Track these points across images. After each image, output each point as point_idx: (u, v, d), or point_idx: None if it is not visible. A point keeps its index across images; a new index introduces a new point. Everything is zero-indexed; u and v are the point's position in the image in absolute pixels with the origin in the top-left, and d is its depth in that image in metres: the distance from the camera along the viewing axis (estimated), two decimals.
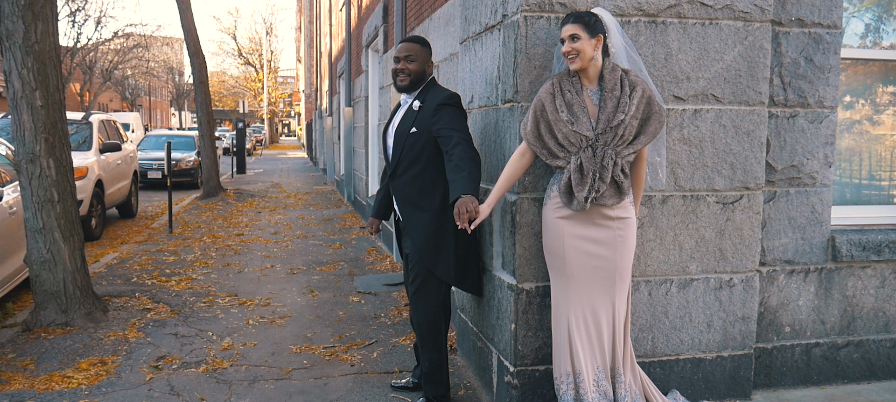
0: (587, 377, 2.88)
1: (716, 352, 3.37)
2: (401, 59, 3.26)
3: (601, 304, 2.90)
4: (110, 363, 4.02)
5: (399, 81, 3.27)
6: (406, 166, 3.21)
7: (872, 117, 3.87)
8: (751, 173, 3.31)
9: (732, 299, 3.36)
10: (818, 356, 3.61)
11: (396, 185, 3.26)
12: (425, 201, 3.20)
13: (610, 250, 2.87)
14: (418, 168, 3.19)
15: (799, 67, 3.42)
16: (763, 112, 3.30)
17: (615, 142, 2.77)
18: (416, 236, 3.21)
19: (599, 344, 2.90)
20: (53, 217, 4.76)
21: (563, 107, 2.81)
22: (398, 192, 3.26)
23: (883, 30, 3.81)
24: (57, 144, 4.78)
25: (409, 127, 3.20)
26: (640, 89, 2.79)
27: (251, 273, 6.49)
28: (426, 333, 3.26)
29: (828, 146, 3.49)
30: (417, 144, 3.17)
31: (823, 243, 3.54)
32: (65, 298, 4.79)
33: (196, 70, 13.04)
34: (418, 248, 3.21)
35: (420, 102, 3.22)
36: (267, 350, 4.28)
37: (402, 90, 3.29)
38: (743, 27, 3.22)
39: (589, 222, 2.87)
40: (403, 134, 3.21)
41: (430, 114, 3.16)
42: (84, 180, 8.29)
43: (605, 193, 2.80)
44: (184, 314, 5.02)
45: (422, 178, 3.19)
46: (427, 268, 3.21)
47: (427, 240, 3.19)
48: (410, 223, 3.24)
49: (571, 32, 2.78)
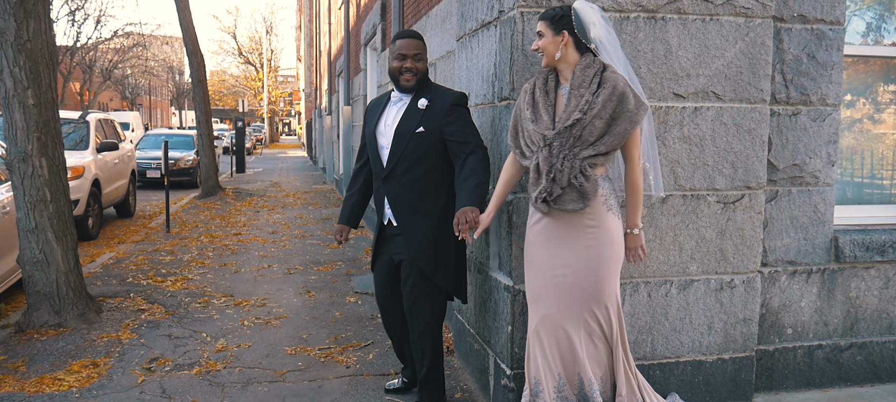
0: (546, 386, 2.74)
1: (717, 354, 3.31)
2: (408, 57, 3.03)
3: (568, 318, 2.72)
4: (102, 365, 3.97)
5: (404, 80, 3.04)
6: (407, 168, 3.02)
7: (874, 116, 3.81)
8: (752, 172, 3.25)
9: (733, 301, 3.30)
10: (820, 358, 3.55)
11: (392, 188, 3.06)
12: (427, 205, 3.04)
13: (574, 263, 2.67)
14: (421, 170, 3.02)
15: (801, 64, 3.35)
16: (765, 110, 3.24)
17: (572, 143, 2.58)
18: (416, 242, 3.04)
19: (563, 355, 2.74)
20: (46, 217, 4.71)
21: (528, 105, 2.71)
22: (394, 195, 3.06)
23: (884, 28, 3.75)
24: (49, 144, 4.72)
25: (415, 126, 3.01)
26: (609, 87, 2.56)
27: (248, 273, 6.43)
28: (426, 340, 3.14)
29: (831, 145, 3.43)
30: (423, 144, 3.00)
31: (826, 243, 3.48)
32: (58, 299, 4.74)
33: (194, 69, 12.99)
34: (417, 255, 3.04)
35: (427, 100, 3.05)
36: (261, 352, 4.22)
37: (406, 91, 3.07)
38: (744, 23, 3.16)
39: (557, 230, 2.69)
40: (407, 133, 3.01)
41: (441, 113, 3.01)
42: (80, 180, 8.25)
43: (565, 197, 2.60)
44: (178, 315, 4.97)
45: (424, 181, 3.03)
46: (426, 276, 3.06)
47: (428, 247, 3.04)
48: (408, 229, 3.05)
49: (538, 30, 2.70)
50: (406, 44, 3.06)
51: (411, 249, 3.06)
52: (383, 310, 3.34)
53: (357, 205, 3.31)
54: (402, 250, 3.11)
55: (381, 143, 3.12)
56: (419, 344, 3.16)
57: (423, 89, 3.10)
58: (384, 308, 3.33)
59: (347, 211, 3.34)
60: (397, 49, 3.07)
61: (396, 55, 3.07)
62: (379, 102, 3.24)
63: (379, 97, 3.30)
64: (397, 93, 3.13)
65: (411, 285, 3.09)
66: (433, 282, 3.09)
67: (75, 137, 9.20)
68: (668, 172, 3.16)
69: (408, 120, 3.05)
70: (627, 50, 3.06)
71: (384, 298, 3.30)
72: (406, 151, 3.02)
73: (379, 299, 3.34)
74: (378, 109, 3.20)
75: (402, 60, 3.05)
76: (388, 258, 3.22)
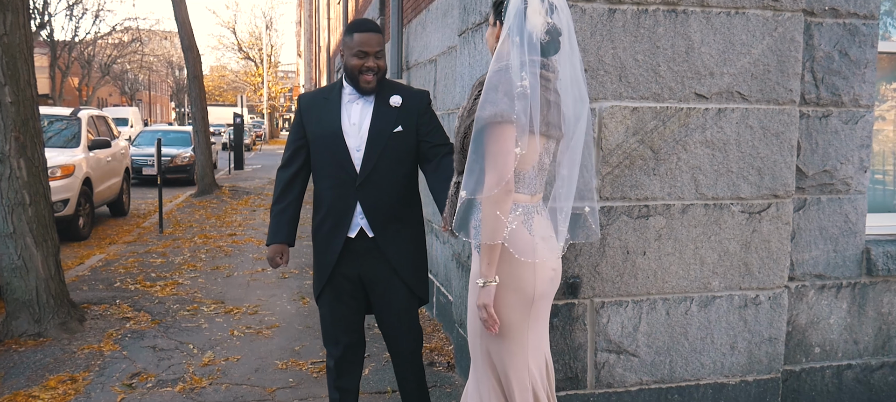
0: None
1: (740, 376, 3.05)
2: (370, 54, 2.61)
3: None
4: (81, 381, 3.72)
5: (365, 81, 2.64)
6: (385, 172, 2.68)
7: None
8: (780, 179, 2.99)
9: (758, 318, 3.04)
10: (850, 378, 3.30)
11: (369, 195, 2.67)
12: (406, 211, 2.74)
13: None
14: (401, 173, 2.71)
15: (833, 62, 3.10)
16: (794, 112, 2.98)
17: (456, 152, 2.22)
18: (397, 255, 2.71)
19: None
20: (25, 221, 4.46)
21: None
22: (372, 203, 2.68)
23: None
24: (28, 144, 4.47)
25: (392, 126, 2.67)
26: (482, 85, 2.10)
27: (240, 277, 6.18)
28: (418, 356, 2.90)
29: (863, 149, 3.18)
30: (403, 145, 2.69)
31: (857, 255, 3.23)
32: (38, 307, 4.50)
33: (190, 64, 12.73)
34: (402, 269, 2.72)
35: (401, 98, 2.72)
36: (251, 366, 3.97)
37: (367, 93, 2.68)
38: (772, 17, 2.90)
39: None
40: (384, 134, 2.66)
41: (416, 113, 2.72)
42: (71, 178, 8.01)
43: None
44: (165, 324, 4.72)
45: (402, 185, 2.72)
46: (411, 291, 2.76)
47: (411, 260, 2.75)
48: (388, 241, 2.69)
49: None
50: (367, 39, 2.62)
51: (394, 263, 2.71)
52: (344, 363, 2.81)
53: (294, 220, 2.79)
54: (379, 267, 2.71)
55: (350, 144, 2.69)
56: (411, 363, 2.88)
57: (388, 87, 2.74)
58: (346, 361, 2.81)
59: (285, 227, 2.76)
60: (356, 44, 2.62)
61: (355, 52, 2.62)
62: (324, 98, 2.78)
63: (319, 92, 2.86)
64: (355, 94, 2.72)
65: (398, 306, 2.76)
66: (416, 295, 2.81)
67: (67, 135, 8.96)
68: (689, 180, 2.91)
69: (382, 119, 2.69)
70: (645, 46, 2.80)
71: (348, 344, 2.80)
72: (384, 153, 2.66)
73: (338, 345, 2.79)
74: (327, 105, 2.76)
75: (362, 58, 2.62)
76: (351, 281, 2.75)
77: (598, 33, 2.79)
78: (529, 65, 1.99)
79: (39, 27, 25.61)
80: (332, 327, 2.81)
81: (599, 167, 2.84)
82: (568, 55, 2.08)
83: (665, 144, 2.88)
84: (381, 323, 2.82)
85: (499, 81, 2.00)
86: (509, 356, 2.11)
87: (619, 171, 2.86)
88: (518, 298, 2.08)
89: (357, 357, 2.87)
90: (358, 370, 2.89)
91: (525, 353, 2.11)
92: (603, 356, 2.93)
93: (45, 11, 25.52)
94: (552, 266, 2.13)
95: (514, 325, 2.10)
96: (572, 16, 2.74)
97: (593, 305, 2.91)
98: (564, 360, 2.91)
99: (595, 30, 2.79)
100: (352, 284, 2.75)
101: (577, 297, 2.89)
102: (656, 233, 2.91)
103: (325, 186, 2.73)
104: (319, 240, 2.76)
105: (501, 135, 1.98)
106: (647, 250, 2.91)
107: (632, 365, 2.95)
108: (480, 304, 2.06)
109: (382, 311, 2.79)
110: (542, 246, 2.09)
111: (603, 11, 2.79)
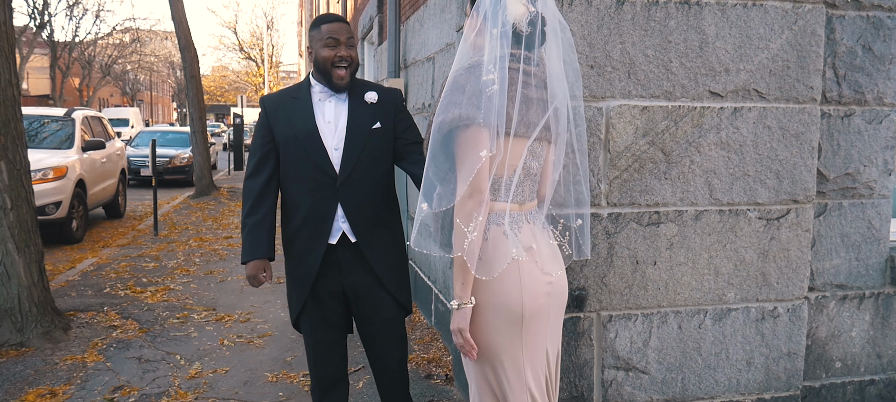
0: None
1: (756, 394, 2.86)
2: (341, 42, 2.45)
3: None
4: (61, 395, 3.54)
5: (338, 76, 2.46)
6: (365, 171, 2.49)
7: None
8: (800, 183, 2.80)
9: (776, 332, 2.85)
10: (873, 394, 3.10)
11: (351, 197, 2.49)
12: (388, 214, 2.57)
13: None
14: (380, 173, 2.53)
15: (856, 57, 2.90)
16: (815, 111, 2.78)
17: None
18: (380, 260, 2.52)
19: None
20: (5, 226, 4.28)
21: None
22: (354, 206, 2.50)
23: None
24: (9, 146, 4.29)
25: (370, 122, 2.50)
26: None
27: (234, 282, 6.00)
28: (404, 369, 2.71)
29: (888, 151, 2.98)
30: (382, 143, 2.52)
31: (881, 263, 3.03)
32: (20, 315, 4.32)
33: (187, 64, 12.55)
34: (386, 277, 2.54)
35: (377, 94, 2.55)
36: (239, 378, 3.79)
37: (341, 90, 2.51)
38: (792, 10, 2.71)
39: None
40: (363, 131, 2.48)
41: (392, 110, 2.55)
42: (64, 180, 7.85)
43: None
44: (153, 333, 4.54)
45: (383, 186, 2.55)
46: (395, 299, 2.58)
47: (394, 266, 2.57)
48: (371, 246, 2.51)
49: None
50: (336, 28, 2.47)
51: (378, 271, 2.52)
52: (327, 380, 2.64)
53: (271, 231, 2.57)
54: (364, 278, 2.53)
55: (327, 143, 2.50)
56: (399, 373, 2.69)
57: (356, 86, 2.57)
58: (330, 377, 2.64)
59: (263, 241, 2.53)
60: (325, 34, 2.46)
61: (326, 41, 2.45)
62: (292, 98, 2.59)
63: (285, 92, 2.67)
64: (322, 87, 2.55)
65: (385, 316, 2.58)
66: (400, 304, 2.61)
67: (61, 136, 8.79)
68: (702, 184, 2.72)
69: (360, 116, 2.52)
70: (656, 40, 2.61)
71: (336, 380, 2.64)
72: (365, 151, 2.49)
73: (325, 379, 2.64)
74: (296, 105, 2.57)
75: (334, 47, 2.45)
76: (334, 297, 2.57)
77: (606, 27, 2.60)
78: (504, 59, 1.77)
79: (39, 27, 25.48)
80: (319, 357, 2.62)
81: (607, 171, 2.65)
82: (555, 47, 1.86)
83: (677, 145, 2.69)
84: (366, 337, 2.63)
85: (467, 80, 1.79)
86: (506, 383, 1.90)
87: (628, 175, 2.67)
88: (503, 318, 1.85)
89: (343, 397, 2.69)
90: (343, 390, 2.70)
91: (522, 378, 1.90)
92: (610, 373, 2.74)
93: (46, 12, 25.39)
94: (546, 280, 1.90)
95: (505, 349, 1.87)
96: (578, 8, 2.55)
97: (600, 318, 2.72)
98: (569, 378, 2.71)
99: (602, 23, 2.60)
100: (335, 300, 2.56)
101: (583, 310, 2.70)
102: (668, 241, 2.71)
103: (301, 191, 2.52)
104: (295, 251, 2.55)
105: (468, 139, 1.76)
106: (657, 259, 2.72)
107: (641, 383, 2.76)
108: (455, 328, 1.84)
109: (368, 325, 2.60)
110: (528, 259, 1.85)
111: (610, 3, 2.60)
